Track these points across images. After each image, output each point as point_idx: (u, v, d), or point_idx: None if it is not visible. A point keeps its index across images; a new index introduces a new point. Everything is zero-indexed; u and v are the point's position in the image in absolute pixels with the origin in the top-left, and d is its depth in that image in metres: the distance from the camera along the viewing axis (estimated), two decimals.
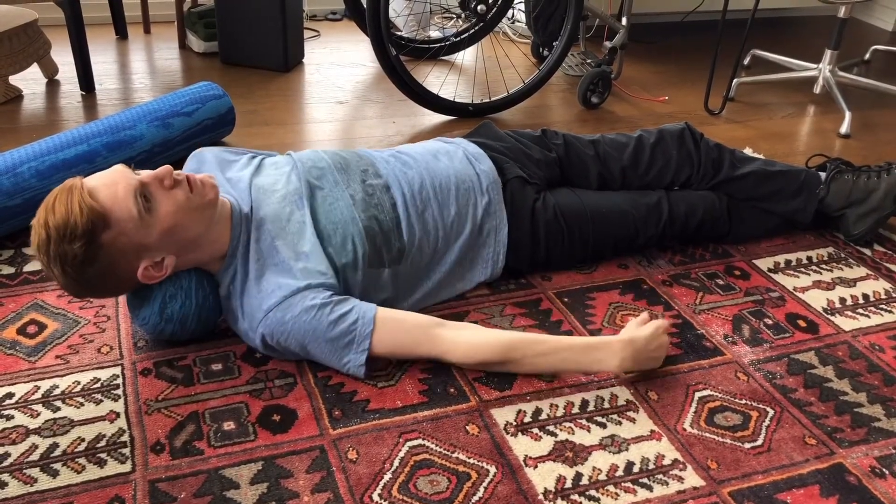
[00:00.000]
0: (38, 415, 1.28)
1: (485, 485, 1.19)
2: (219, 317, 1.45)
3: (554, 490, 1.19)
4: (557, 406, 1.35)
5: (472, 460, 1.23)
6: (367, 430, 1.28)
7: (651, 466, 1.25)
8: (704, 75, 2.77)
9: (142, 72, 2.78)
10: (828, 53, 2.79)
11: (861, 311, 1.67)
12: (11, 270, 1.63)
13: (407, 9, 3.11)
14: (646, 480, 1.22)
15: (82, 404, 1.30)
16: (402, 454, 1.24)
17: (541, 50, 3.05)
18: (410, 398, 1.35)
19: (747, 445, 1.30)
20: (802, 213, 1.86)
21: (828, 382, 1.45)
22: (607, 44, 2.85)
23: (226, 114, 2.11)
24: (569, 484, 1.21)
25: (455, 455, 1.24)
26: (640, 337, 1.40)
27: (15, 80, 2.50)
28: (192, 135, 2.01)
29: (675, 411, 1.36)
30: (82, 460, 1.20)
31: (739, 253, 1.85)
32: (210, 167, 1.56)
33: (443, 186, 1.57)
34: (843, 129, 2.60)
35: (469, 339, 1.38)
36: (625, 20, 2.77)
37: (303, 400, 1.33)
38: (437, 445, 1.26)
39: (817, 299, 1.70)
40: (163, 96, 2.03)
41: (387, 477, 1.20)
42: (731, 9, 2.57)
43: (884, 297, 1.72)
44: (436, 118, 2.54)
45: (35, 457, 1.20)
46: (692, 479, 1.23)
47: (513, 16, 3.34)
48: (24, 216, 1.66)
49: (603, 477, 1.22)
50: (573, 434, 1.30)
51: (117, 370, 1.38)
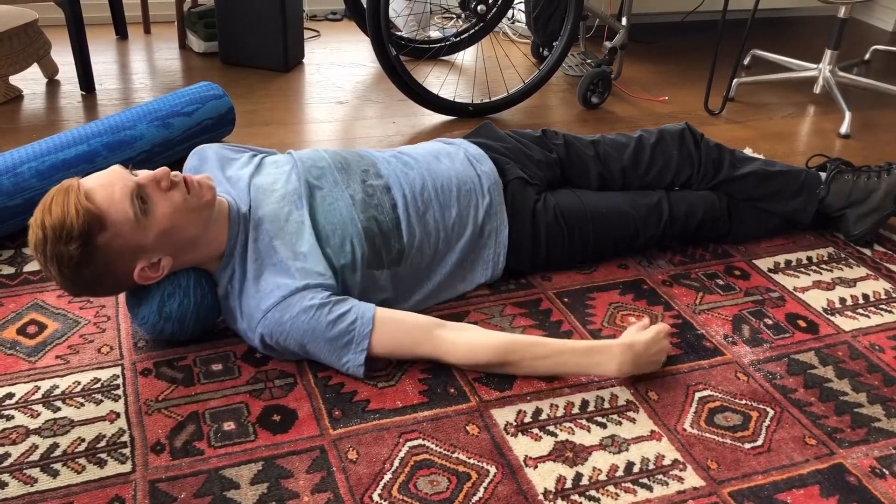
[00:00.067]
0: (39, 415, 1.28)
1: (485, 485, 1.19)
2: (217, 316, 1.45)
3: (554, 490, 1.19)
4: (557, 406, 1.35)
5: (472, 460, 1.23)
6: (367, 431, 1.28)
7: (651, 467, 1.25)
8: (704, 75, 2.77)
9: (142, 72, 2.78)
10: (828, 53, 2.79)
11: (861, 311, 1.67)
12: (11, 270, 1.63)
13: (407, 9, 3.11)
14: (646, 480, 1.22)
15: (82, 404, 1.30)
16: (402, 454, 1.24)
17: (541, 50, 3.04)
18: (410, 398, 1.35)
19: (747, 445, 1.30)
20: (803, 214, 1.86)
21: (828, 383, 1.45)
22: (607, 44, 2.85)
23: (226, 114, 2.11)
24: (569, 484, 1.21)
25: (455, 455, 1.24)
26: (640, 341, 1.40)
27: (15, 80, 2.50)
28: (192, 135, 2.01)
29: (676, 411, 1.36)
30: (82, 460, 1.20)
31: (739, 253, 1.85)
32: (211, 164, 1.56)
33: (444, 188, 1.57)
34: (843, 129, 2.60)
35: (468, 340, 1.38)
36: (625, 20, 2.77)
37: (303, 400, 1.33)
38: (437, 446, 1.26)
39: (817, 299, 1.70)
40: (163, 96, 2.03)
41: (387, 477, 1.20)
42: (731, 9, 2.57)
43: (884, 297, 1.72)
44: (436, 118, 2.54)
45: (35, 457, 1.20)
46: (692, 479, 1.23)
47: (513, 16, 3.34)
48: (25, 216, 1.66)
49: (603, 477, 1.22)
50: (573, 434, 1.30)
51: (117, 370, 1.38)
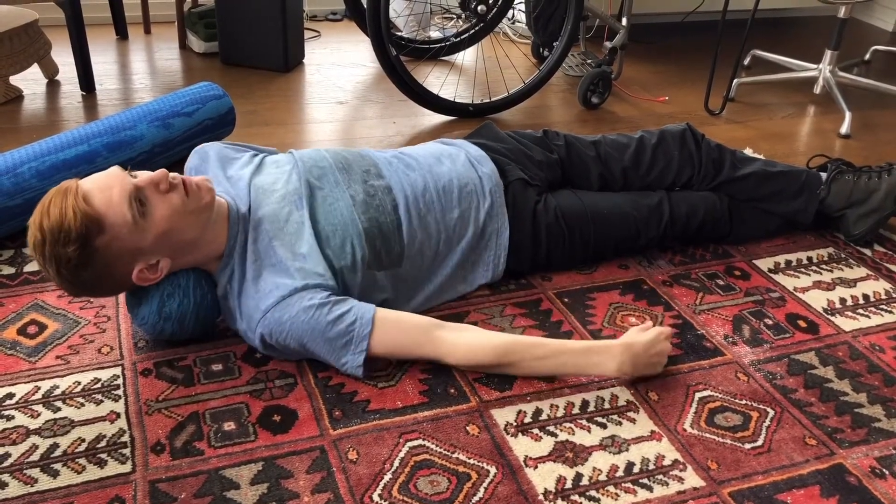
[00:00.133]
0: (39, 415, 1.28)
1: (485, 485, 1.19)
2: (217, 316, 1.45)
3: (554, 490, 1.19)
4: (558, 406, 1.35)
5: (472, 461, 1.23)
6: (367, 431, 1.28)
7: (651, 467, 1.25)
8: (704, 75, 2.77)
9: (142, 72, 2.78)
10: (828, 54, 2.79)
11: (861, 311, 1.67)
12: (12, 271, 1.63)
13: (407, 9, 3.11)
14: (646, 481, 1.22)
15: (83, 405, 1.30)
16: (402, 454, 1.24)
17: (541, 50, 3.04)
18: (411, 398, 1.35)
19: (747, 446, 1.30)
20: (803, 214, 1.86)
21: (828, 383, 1.45)
22: (607, 44, 2.85)
23: (226, 114, 2.11)
24: (569, 484, 1.21)
25: (455, 455, 1.24)
26: (640, 342, 1.40)
27: (15, 80, 2.50)
28: (193, 135, 2.01)
29: (676, 412, 1.36)
30: (82, 461, 1.20)
31: (740, 253, 1.85)
32: (212, 164, 1.56)
33: (446, 190, 1.57)
34: (844, 129, 2.60)
35: (468, 341, 1.38)
36: (625, 20, 2.77)
37: (303, 400, 1.33)
38: (437, 446, 1.26)
39: (817, 300, 1.70)
40: (163, 96, 2.03)
41: (387, 477, 1.20)
42: (731, 9, 2.57)
43: (884, 297, 1.72)
44: (436, 118, 2.54)
45: (35, 457, 1.20)
46: (692, 479, 1.23)
47: (513, 16, 3.34)
48: (25, 216, 1.65)
49: (603, 477, 1.22)
50: (573, 434, 1.30)
51: (118, 370, 1.38)
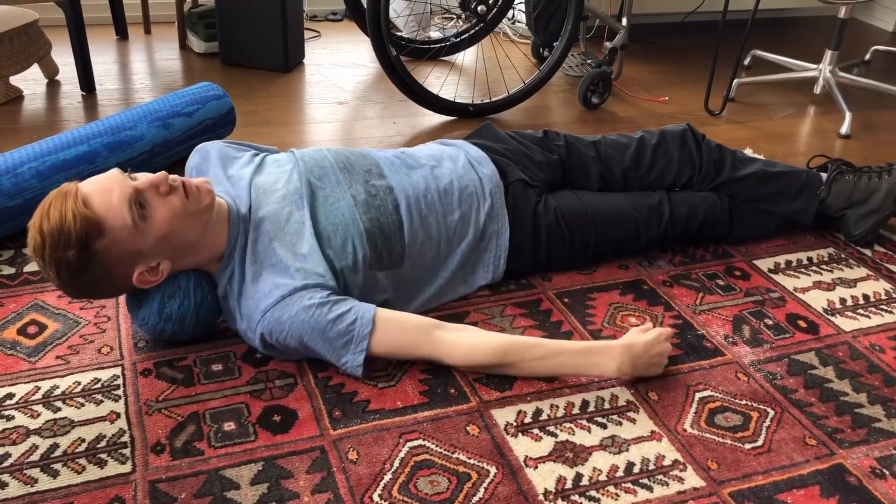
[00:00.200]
0: (39, 415, 1.28)
1: (485, 485, 1.19)
2: (218, 316, 1.45)
3: (554, 490, 1.19)
4: (558, 406, 1.35)
5: (472, 461, 1.23)
6: (367, 431, 1.28)
7: (651, 467, 1.25)
8: (705, 76, 2.77)
9: (142, 72, 2.78)
10: (828, 54, 2.79)
11: (861, 311, 1.67)
12: (12, 271, 1.63)
13: (407, 9, 3.11)
14: (646, 481, 1.22)
15: (83, 405, 1.30)
16: (402, 455, 1.24)
17: (541, 50, 3.04)
18: (411, 399, 1.35)
19: (748, 446, 1.30)
20: (803, 214, 1.86)
21: (828, 383, 1.45)
22: (607, 44, 2.85)
23: (226, 114, 2.11)
24: (569, 484, 1.21)
25: (455, 455, 1.24)
26: (640, 342, 1.40)
27: (15, 80, 2.50)
28: (193, 135, 2.01)
29: (676, 412, 1.36)
30: (83, 461, 1.20)
31: (740, 253, 1.85)
32: (213, 163, 1.56)
33: (447, 191, 1.57)
34: (844, 129, 2.60)
35: (468, 341, 1.38)
36: (625, 20, 2.77)
37: (303, 400, 1.33)
38: (437, 446, 1.26)
39: (818, 300, 1.70)
40: (163, 97, 2.03)
41: (387, 477, 1.20)
42: (732, 9, 2.57)
43: (884, 297, 1.72)
44: (436, 118, 2.54)
45: (35, 457, 1.20)
46: (692, 479, 1.23)
47: (513, 16, 3.34)
48: (25, 217, 1.65)
49: (603, 477, 1.22)
50: (573, 434, 1.30)
51: (118, 370, 1.38)
